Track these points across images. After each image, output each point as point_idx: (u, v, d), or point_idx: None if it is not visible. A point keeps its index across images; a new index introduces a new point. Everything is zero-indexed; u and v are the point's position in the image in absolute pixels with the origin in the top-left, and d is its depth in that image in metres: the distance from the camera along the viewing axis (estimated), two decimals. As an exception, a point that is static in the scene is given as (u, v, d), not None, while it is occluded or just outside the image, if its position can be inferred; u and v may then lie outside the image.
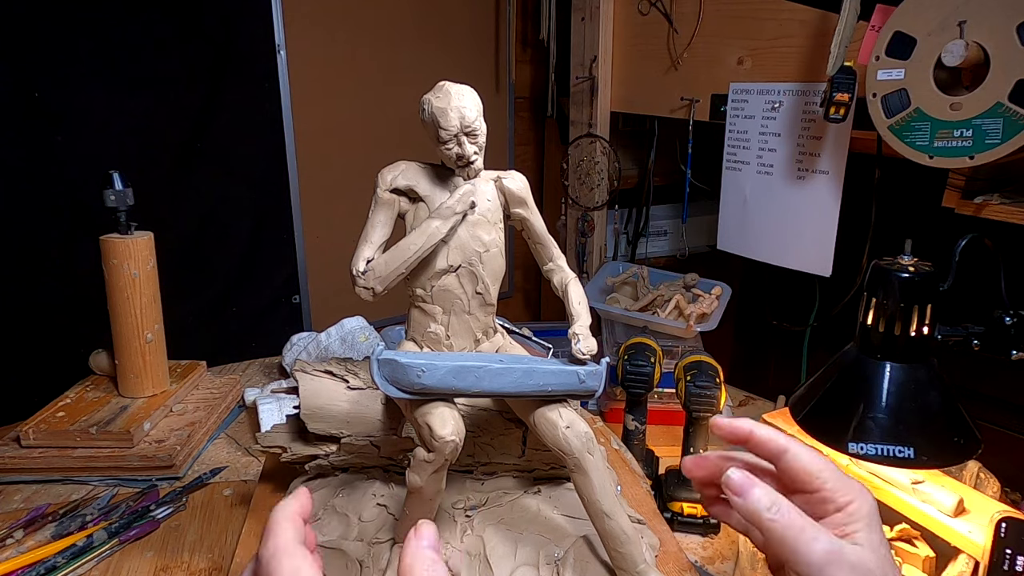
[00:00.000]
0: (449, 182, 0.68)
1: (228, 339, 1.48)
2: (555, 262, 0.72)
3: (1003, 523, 0.68)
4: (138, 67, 1.28)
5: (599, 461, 0.63)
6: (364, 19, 1.57)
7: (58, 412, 0.99)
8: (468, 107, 0.64)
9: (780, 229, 1.20)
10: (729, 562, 0.87)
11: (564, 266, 0.72)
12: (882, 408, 0.73)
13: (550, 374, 0.62)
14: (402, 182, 0.67)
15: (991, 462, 0.85)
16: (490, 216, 0.68)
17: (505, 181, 0.69)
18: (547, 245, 0.72)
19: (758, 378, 1.75)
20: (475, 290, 0.68)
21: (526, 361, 0.63)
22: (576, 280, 0.71)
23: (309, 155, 1.54)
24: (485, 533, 0.69)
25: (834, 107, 0.98)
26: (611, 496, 0.63)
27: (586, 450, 0.62)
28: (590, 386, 0.63)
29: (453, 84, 0.65)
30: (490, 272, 0.68)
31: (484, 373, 0.60)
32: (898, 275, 0.73)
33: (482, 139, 0.66)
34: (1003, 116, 0.80)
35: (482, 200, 0.67)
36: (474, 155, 0.65)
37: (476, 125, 0.64)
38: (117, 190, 1.00)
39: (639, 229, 1.62)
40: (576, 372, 0.62)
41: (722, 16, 1.23)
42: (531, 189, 0.71)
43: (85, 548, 0.78)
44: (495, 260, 0.68)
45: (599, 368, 0.64)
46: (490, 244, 0.67)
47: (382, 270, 0.64)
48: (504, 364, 0.61)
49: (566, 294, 0.70)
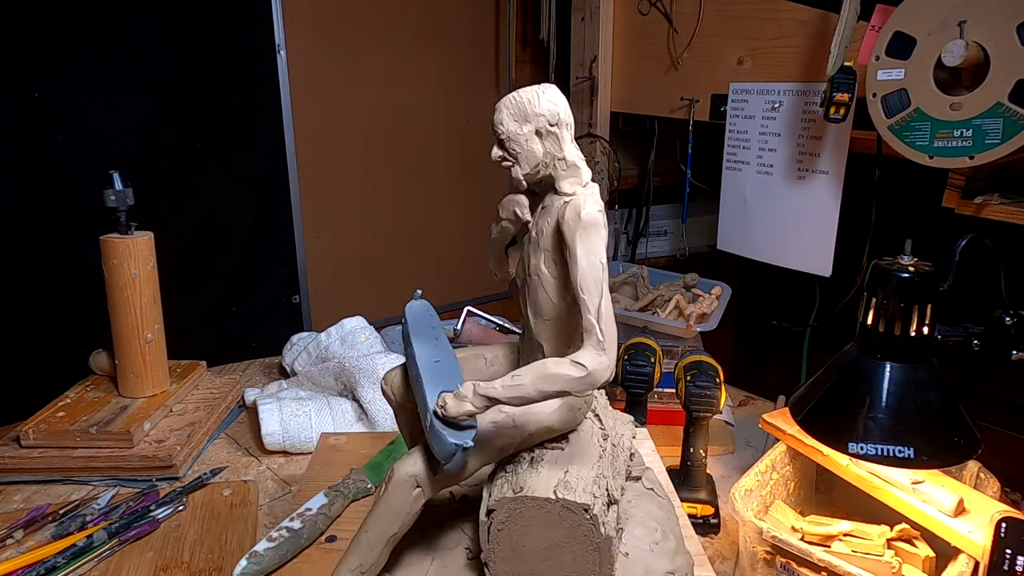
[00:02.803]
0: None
1: (228, 339, 1.48)
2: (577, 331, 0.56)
3: (1003, 523, 0.68)
4: (138, 67, 1.28)
5: (379, 503, 0.57)
6: (364, 19, 1.57)
7: (58, 412, 0.99)
8: (498, 109, 0.59)
9: (780, 229, 1.20)
10: (729, 562, 0.87)
11: (586, 343, 0.53)
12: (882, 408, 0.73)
13: (418, 386, 0.57)
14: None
15: (991, 462, 0.85)
16: (543, 242, 0.59)
17: (566, 205, 0.57)
18: (580, 303, 0.54)
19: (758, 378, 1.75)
20: (527, 314, 0.62)
21: (431, 368, 0.58)
22: (566, 364, 0.51)
23: (309, 155, 1.54)
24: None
25: (834, 107, 0.98)
26: (356, 539, 0.58)
27: (384, 481, 0.57)
28: (432, 442, 0.53)
29: (539, 86, 0.59)
30: (532, 302, 0.60)
31: (411, 352, 0.61)
32: (898, 275, 0.73)
33: (512, 146, 0.59)
34: (1003, 116, 0.80)
35: (544, 220, 0.60)
36: (499, 159, 0.60)
37: (500, 129, 0.59)
38: (117, 190, 1.00)
39: (639, 229, 1.62)
40: (428, 413, 0.53)
41: (722, 16, 1.23)
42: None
43: (85, 548, 0.78)
44: (536, 291, 0.60)
45: (446, 437, 0.51)
46: (533, 271, 0.60)
47: (490, 251, 0.68)
48: (423, 358, 0.60)
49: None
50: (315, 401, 1.06)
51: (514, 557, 0.57)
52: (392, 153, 1.68)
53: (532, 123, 0.58)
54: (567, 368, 0.51)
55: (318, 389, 1.15)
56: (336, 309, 1.36)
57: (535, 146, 0.59)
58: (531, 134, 0.58)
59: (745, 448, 1.12)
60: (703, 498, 0.92)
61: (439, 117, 1.71)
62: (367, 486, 0.84)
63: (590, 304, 0.53)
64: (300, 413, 1.03)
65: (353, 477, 0.85)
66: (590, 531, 0.55)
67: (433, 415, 0.52)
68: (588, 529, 0.55)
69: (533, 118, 0.58)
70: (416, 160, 1.71)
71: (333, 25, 1.52)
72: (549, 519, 0.55)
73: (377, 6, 1.58)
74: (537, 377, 0.51)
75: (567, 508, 0.54)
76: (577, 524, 0.55)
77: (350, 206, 1.63)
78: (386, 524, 0.57)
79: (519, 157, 0.59)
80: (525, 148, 0.59)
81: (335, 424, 1.04)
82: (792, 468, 0.92)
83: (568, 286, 0.56)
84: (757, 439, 1.13)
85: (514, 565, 0.57)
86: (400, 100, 1.64)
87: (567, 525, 0.55)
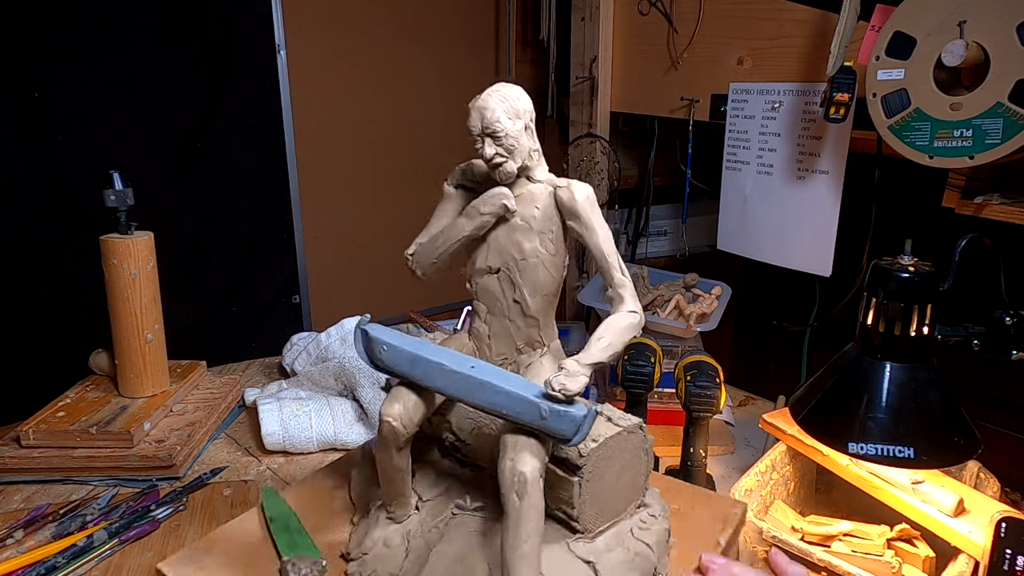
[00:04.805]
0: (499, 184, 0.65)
1: (228, 339, 1.48)
2: (614, 289, 0.64)
3: (1003, 523, 0.68)
4: (138, 67, 1.28)
5: (523, 510, 0.56)
6: (364, 19, 1.57)
7: (58, 412, 0.99)
8: (489, 107, 0.61)
9: (780, 229, 1.20)
10: (729, 562, 0.87)
11: (625, 295, 0.63)
12: (882, 408, 0.73)
13: (502, 394, 0.57)
14: (465, 179, 0.69)
15: (991, 462, 0.85)
16: (535, 224, 0.65)
17: (559, 190, 0.65)
18: (604, 268, 0.64)
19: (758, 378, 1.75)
20: (513, 297, 0.66)
21: (492, 375, 0.59)
22: (625, 315, 0.62)
23: (309, 155, 1.54)
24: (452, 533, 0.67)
25: (834, 107, 0.98)
26: (519, 552, 0.56)
27: (513, 491, 0.56)
28: (555, 427, 0.55)
29: (500, 84, 0.63)
30: (529, 282, 0.65)
31: (436, 370, 0.60)
32: (898, 275, 0.73)
33: (509, 142, 0.62)
34: (1003, 116, 0.80)
35: (529, 207, 0.65)
36: (496, 157, 0.63)
37: (498, 127, 0.61)
38: (117, 190, 1.00)
39: (639, 229, 1.62)
40: (538, 405, 0.55)
41: (722, 16, 1.23)
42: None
43: (85, 548, 0.78)
44: (535, 271, 0.65)
45: (573, 412, 0.55)
46: (529, 253, 0.65)
47: (421, 256, 0.68)
48: (459, 369, 0.59)
49: (602, 323, 0.63)
50: (315, 401, 1.06)
51: (595, 499, 0.64)
52: (392, 153, 1.68)
53: (522, 119, 0.63)
54: (629, 319, 0.62)
55: (318, 389, 1.15)
56: (336, 309, 1.36)
57: (524, 140, 0.63)
58: (522, 129, 0.63)
59: (745, 448, 1.12)
60: (703, 498, 0.92)
61: (439, 117, 1.71)
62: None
63: (619, 264, 0.64)
64: (300, 413, 1.03)
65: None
66: (642, 440, 0.68)
67: (549, 400, 0.56)
68: (640, 439, 0.68)
69: (523, 114, 0.63)
70: (416, 160, 1.71)
71: (333, 25, 1.53)
72: (620, 448, 0.65)
73: (377, 6, 1.58)
74: (617, 332, 0.61)
75: (630, 432, 0.66)
76: (635, 441, 0.67)
77: (350, 206, 1.63)
78: (541, 525, 0.58)
79: (514, 152, 0.63)
80: (519, 144, 0.63)
81: (335, 424, 1.03)
82: (792, 468, 0.92)
83: (560, 260, 0.67)
84: (757, 439, 1.13)
85: (595, 506, 0.65)
86: (400, 100, 1.64)
87: (630, 446, 0.66)
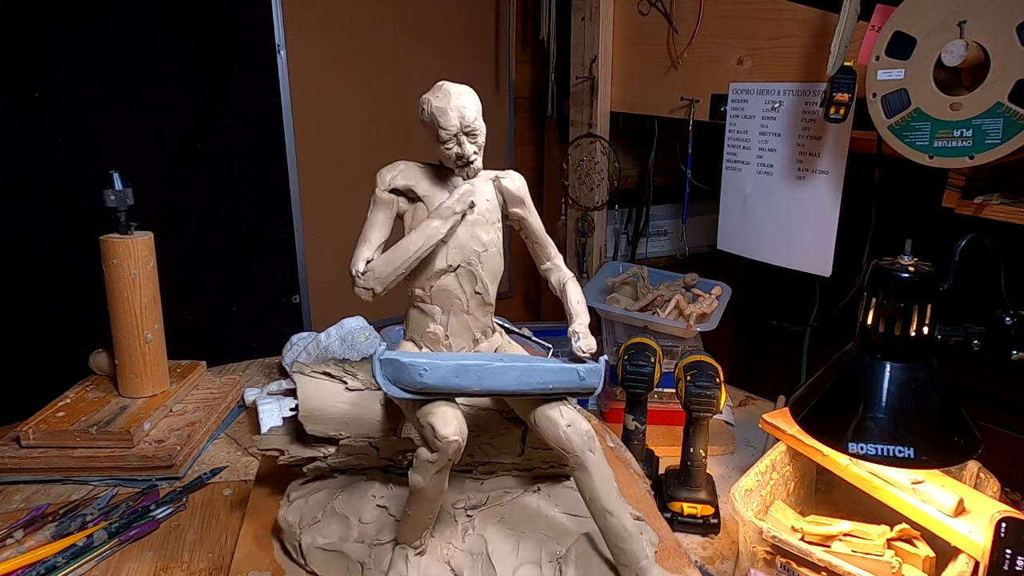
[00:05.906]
0: (448, 182, 0.68)
1: (228, 339, 1.48)
2: (552, 261, 0.73)
3: (1003, 523, 0.68)
4: (138, 67, 1.28)
5: (600, 458, 0.64)
6: (364, 19, 1.56)
7: (58, 412, 0.99)
8: (468, 107, 0.64)
9: (780, 229, 1.20)
10: (729, 562, 0.87)
11: (561, 265, 0.73)
12: (882, 408, 0.73)
13: (551, 372, 0.62)
14: (401, 182, 0.67)
15: (991, 462, 0.85)
16: (488, 216, 0.68)
17: (503, 181, 0.69)
18: (544, 245, 0.73)
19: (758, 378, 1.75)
20: (474, 290, 0.68)
21: (526, 360, 0.64)
22: (574, 279, 0.72)
23: (309, 155, 1.54)
24: (487, 532, 0.69)
25: (834, 107, 0.98)
26: (613, 493, 0.64)
27: (587, 448, 0.62)
28: (590, 383, 0.64)
29: (452, 84, 0.66)
30: (489, 272, 0.69)
31: (486, 372, 0.60)
32: (898, 275, 0.73)
33: (482, 139, 0.66)
34: (1003, 116, 0.80)
35: (481, 200, 0.68)
36: (474, 155, 0.66)
37: (476, 125, 0.65)
38: (117, 190, 1.00)
39: (639, 229, 1.62)
40: (576, 370, 0.63)
41: (722, 16, 1.23)
42: (531, 189, 0.71)
43: (85, 548, 0.78)
44: (493, 260, 0.69)
45: (598, 366, 0.64)
46: (489, 244, 0.68)
47: (382, 270, 0.64)
48: (505, 363, 0.61)
49: (564, 293, 0.71)
50: (315, 401, 1.06)
51: None
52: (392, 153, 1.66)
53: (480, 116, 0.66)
54: (575, 282, 0.72)
55: (318, 389, 1.15)
56: (336, 309, 1.35)
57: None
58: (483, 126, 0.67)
59: (745, 448, 1.12)
60: (703, 498, 0.92)
61: (439, 117, 1.71)
62: None
63: (552, 241, 0.73)
64: (300, 413, 1.03)
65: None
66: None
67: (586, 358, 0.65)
68: None
69: (481, 112, 0.66)
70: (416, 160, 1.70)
71: (333, 25, 1.52)
72: None
73: (377, 6, 1.58)
74: (583, 296, 0.71)
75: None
76: None
77: (350, 206, 1.62)
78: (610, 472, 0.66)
79: (481, 148, 0.67)
80: (483, 138, 0.67)
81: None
82: (792, 468, 0.92)
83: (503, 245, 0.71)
84: (757, 439, 1.13)
85: None
86: (400, 100, 1.64)
87: None
